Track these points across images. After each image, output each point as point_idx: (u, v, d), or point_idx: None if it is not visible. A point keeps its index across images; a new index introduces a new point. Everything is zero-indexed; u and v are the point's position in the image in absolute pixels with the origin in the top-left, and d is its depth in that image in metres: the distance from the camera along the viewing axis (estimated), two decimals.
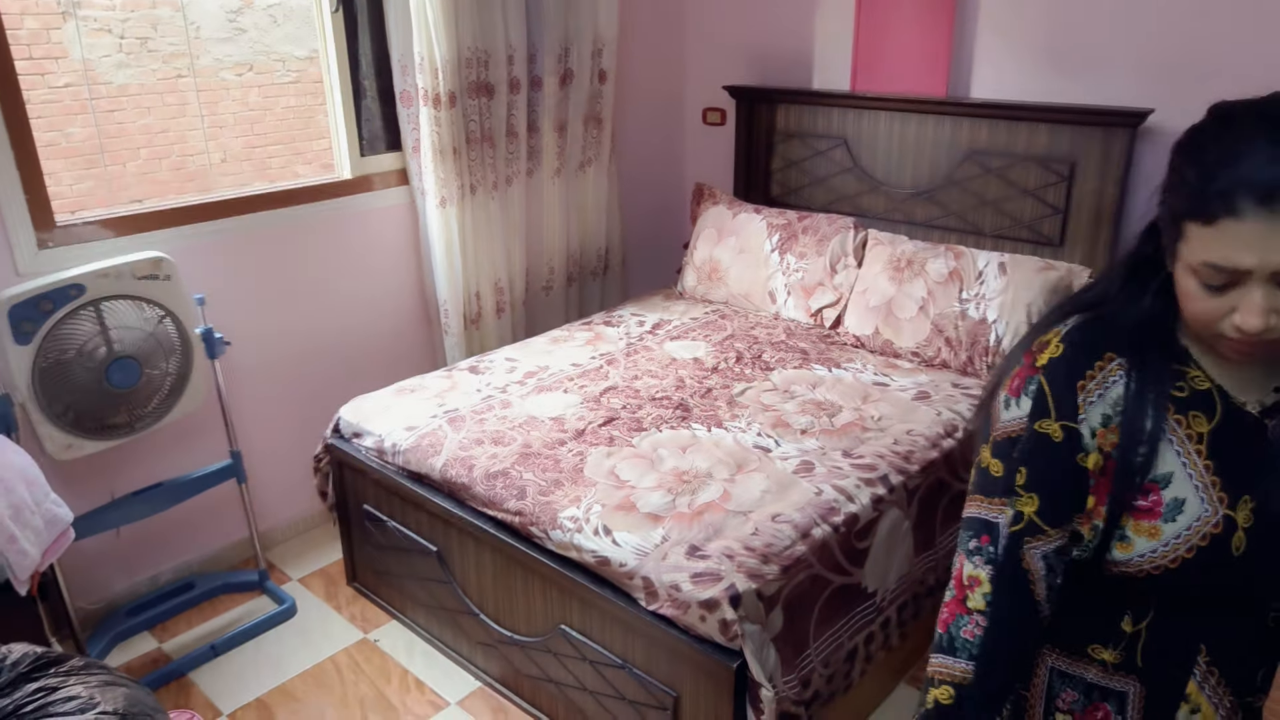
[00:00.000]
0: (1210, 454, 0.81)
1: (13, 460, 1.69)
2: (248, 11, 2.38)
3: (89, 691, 1.30)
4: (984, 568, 0.85)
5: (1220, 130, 0.76)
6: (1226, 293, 0.74)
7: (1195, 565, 0.80)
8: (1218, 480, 0.80)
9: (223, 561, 2.53)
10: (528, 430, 2.07)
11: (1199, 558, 0.79)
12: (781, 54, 3.07)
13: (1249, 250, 0.71)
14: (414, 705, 2.01)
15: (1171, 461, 0.81)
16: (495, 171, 2.72)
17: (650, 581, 1.60)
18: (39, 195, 2.03)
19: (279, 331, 2.50)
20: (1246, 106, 0.78)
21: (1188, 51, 2.28)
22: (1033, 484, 0.83)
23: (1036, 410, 0.83)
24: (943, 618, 0.88)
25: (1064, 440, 0.82)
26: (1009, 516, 0.84)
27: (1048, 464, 0.83)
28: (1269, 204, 0.70)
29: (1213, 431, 0.81)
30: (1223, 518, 0.80)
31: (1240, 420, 0.81)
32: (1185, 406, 0.82)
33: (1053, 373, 0.83)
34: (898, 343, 2.49)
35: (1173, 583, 0.81)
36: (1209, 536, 0.79)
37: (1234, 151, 0.73)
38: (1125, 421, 0.81)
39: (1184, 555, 0.80)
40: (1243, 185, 0.71)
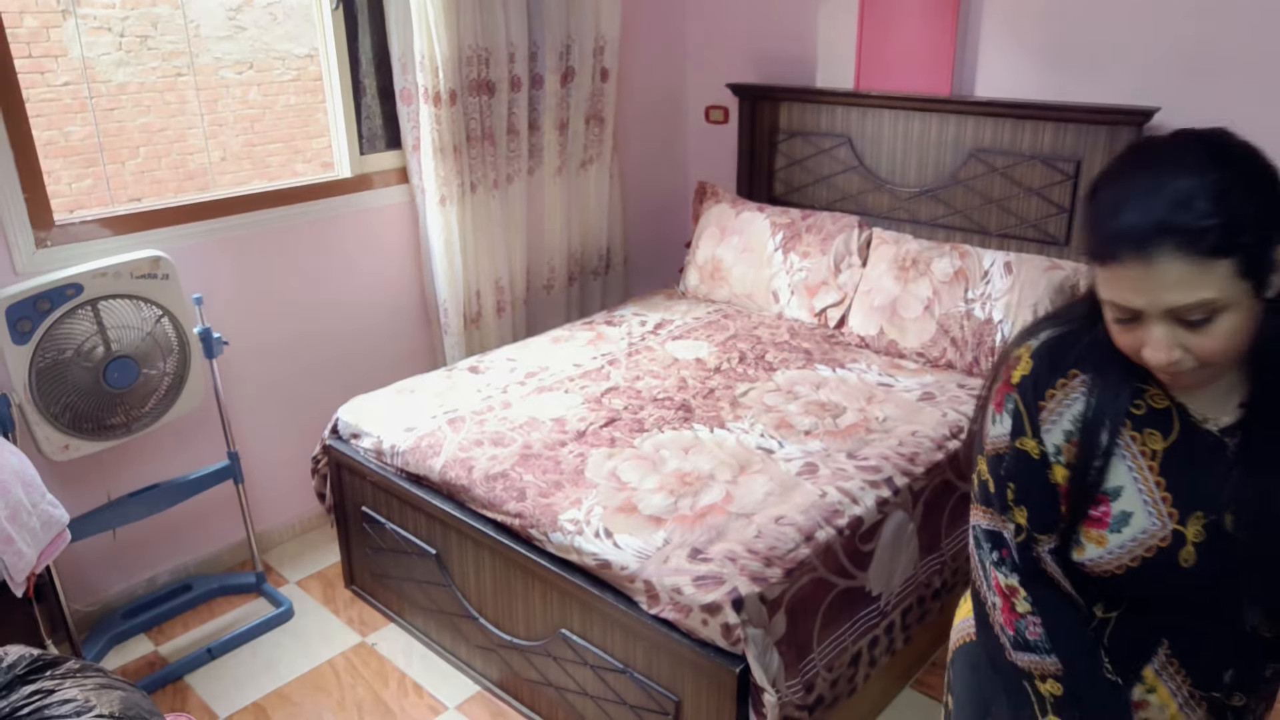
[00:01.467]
0: (1163, 471, 0.84)
1: (9, 461, 1.67)
2: (247, 9, 2.37)
3: (85, 694, 1.29)
4: (1014, 576, 0.92)
5: (1113, 177, 0.80)
6: (1135, 327, 0.79)
7: (1142, 573, 0.84)
8: (1168, 496, 0.84)
9: (220, 564, 2.51)
10: (528, 431, 2.05)
11: (1145, 567, 0.84)
12: (785, 52, 3.05)
13: (1135, 293, 0.76)
14: (412, 709, 1.99)
15: (1123, 476, 0.85)
16: (496, 170, 2.71)
17: (652, 585, 1.58)
18: (38, 194, 2.02)
19: (277, 331, 2.49)
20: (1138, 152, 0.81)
21: (1193, 49, 2.26)
22: (1020, 498, 0.90)
23: (1016, 428, 0.89)
24: (999, 622, 0.93)
25: (1041, 457, 0.88)
26: (1012, 530, 0.91)
27: (1030, 479, 0.89)
28: (1144, 250, 0.74)
29: (1167, 449, 0.84)
30: (1171, 532, 0.83)
31: (1198, 438, 0.84)
32: (1142, 424, 0.85)
33: (1024, 390, 0.89)
34: (902, 343, 2.46)
35: (1126, 585, 0.86)
36: (1154, 549, 0.83)
37: (1116, 200, 0.77)
38: (1082, 436, 0.86)
39: (1129, 564, 0.84)
40: (1120, 234, 0.75)
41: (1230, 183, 0.74)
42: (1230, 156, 0.77)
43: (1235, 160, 0.77)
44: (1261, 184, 0.76)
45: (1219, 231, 0.72)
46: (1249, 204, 0.74)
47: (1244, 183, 0.75)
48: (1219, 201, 0.73)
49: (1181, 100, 2.31)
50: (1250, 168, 0.77)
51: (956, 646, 1.11)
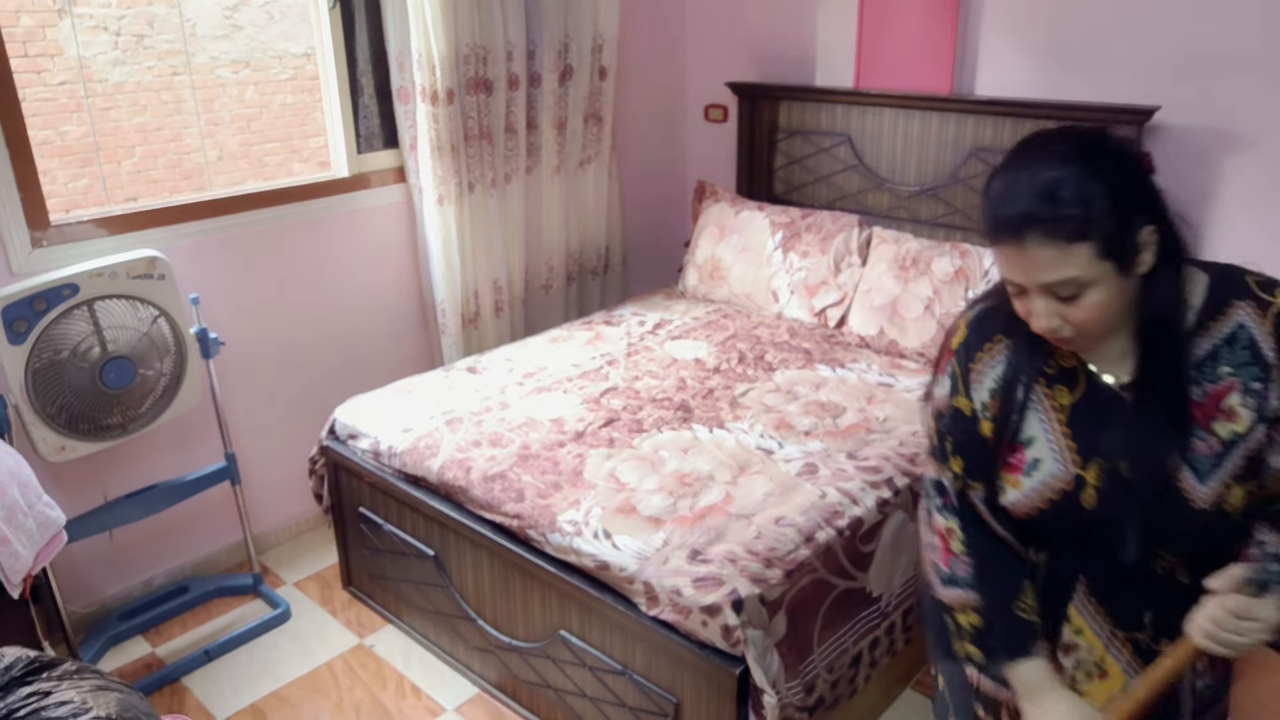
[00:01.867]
0: (1069, 422, 0.94)
1: (5, 462, 1.67)
2: (244, 8, 2.36)
3: (81, 696, 1.28)
4: (953, 519, 1.04)
5: (1001, 169, 0.90)
6: (1023, 299, 0.90)
7: (1052, 514, 0.95)
8: (1073, 445, 0.94)
9: (217, 565, 2.50)
10: (526, 432, 2.04)
11: (1053, 508, 0.94)
12: (784, 50, 3.05)
13: (1015, 271, 0.88)
14: (410, 711, 1.98)
15: (1035, 427, 0.96)
16: (494, 169, 2.70)
17: (651, 586, 1.57)
18: (33, 194, 2.01)
19: (274, 331, 2.48)
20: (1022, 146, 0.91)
21: (1193, 49, 2.26)
22: (956, 449, 1.02)
23: (953, 389, 1.02)
24: (934, 560, 1.06)
25: (972, 414, 1.00)
26: (950, 478, 1.04)
27: (964, 433, 1.01)
28: (1017, 236, 0.85)
29: (1074, 404, 0.94)
30: (1074, 477, 0.93)
31: (1100, 394, 0.94)
32: (1052, 381, 0.96)
33: (959, 356, 1.01)
34: (903, 342, 2.45)
35: (1040, 526, 0.97)
36: (1060, 492, 0.94)
37: (998, 190, 0.88)
38: (1002, 391, 0.97)
39: (1040, 505, 0.95)
40: (999, 221, 0.86)
41: (1091, 176, 0.83)
42: (1096, 152, 0.86)
43: (1099, 155, 0.85)
44: (1120, 176, 0.85)
45: (1077, 220, 0.83)
46: (1105, 196, 0.83)
47: (1104, 176, 0.84)
48: (1079, 193, 0.83)
49: (1181, 99, 2.30)
50: (1113, 162, 0.85)
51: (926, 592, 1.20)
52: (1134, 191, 0.86)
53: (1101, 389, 0.93)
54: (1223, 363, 0.89)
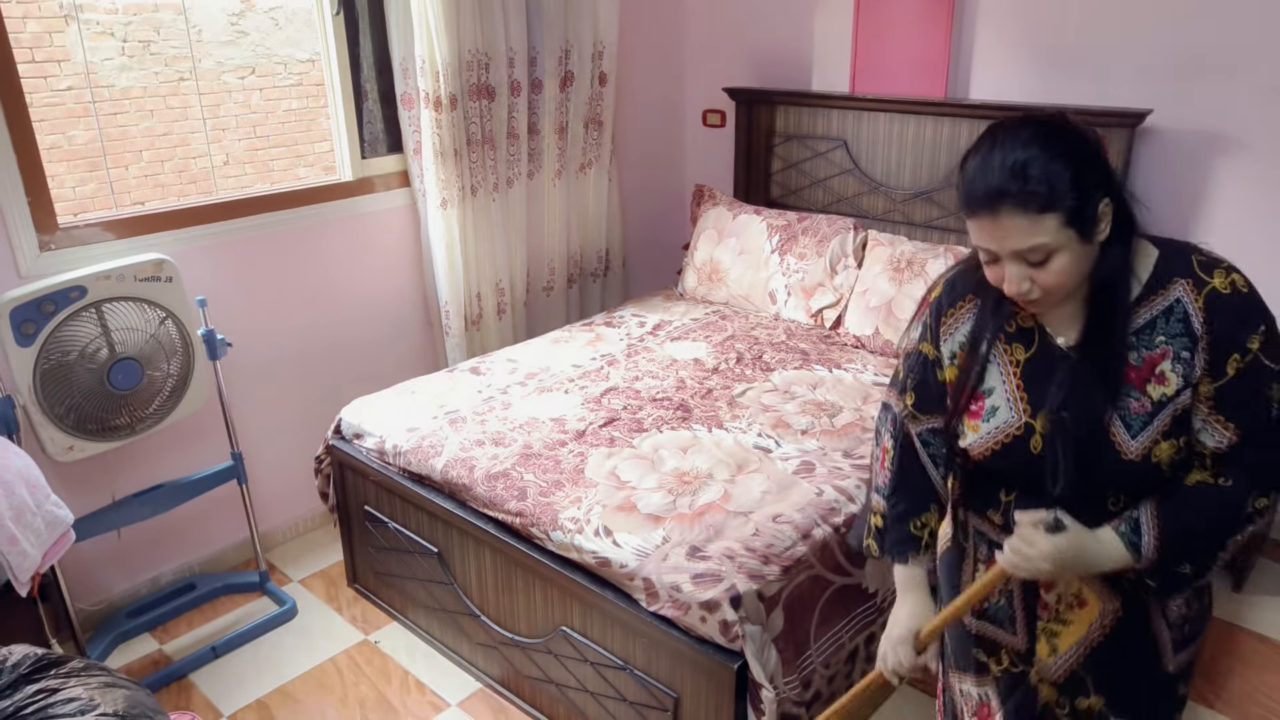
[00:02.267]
0: (1023, 376, 1.06)
1: (14, 462, 1.69)
2: (249, 15, 2.39)
3: (89, 693, 1.30)
4: (891, 441, 1.21)
5: (973, 151, 0.99)
6: (995, 266, 0.99)
7: (1004, 455, 1.06)
8: (1025, 396, 1.05)
9: (223, 563, 2.53)
10: (528, 431, 2.07)
11: (1005, 450, 1.06)
12: (781, 56, 3.08)
13: (989, 240, 0.97)
14: (415, 706, 2.01)
15: (995, 379, 1.07)
16: (496, 173, 2.73)
17: (651, 582, 1.60)
18: (41, 198, 2.04)
19: (281, 333, 2.51)
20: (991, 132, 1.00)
21: (1186, 52, 2.29)
22: (913, 386, 1.16)
23: (923, 336, 1.16)
24: (875, 470, 1.25)
25: (935, 359, 1.14)
26: (900, 407, 1.19)
27: (923, 373, 1.15)
28: (992, 208, 0.95)
29: (1028, 360, 1.06)
30: (1024, 424, 1.05)
31: (1050, 352, 1.04)
32: (1011, 339, 1.07)
33: (933, 310, 1.14)
34: (898, 343, 2.49)
35: (995, 465, 1.08)
36: (1012, 436, 1.05)
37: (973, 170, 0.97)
38: (968, 345, 1.09)
39: (993, 447, 1.07)
40: (975, 196, 0.96)
41: (1055, 156, 0.94)
42: (1057, 135, 0.96)
43: (1060, 138, 0.95)
44: (1079, 156, 0.95)
45: (1044, 194, 0.93)
46: (1067, 172, 0.93)
47: (1066, 156, 0.94)
48: (1044, 170, 0.93)
49: (1174, 102, 2.33)
50: (1072, 144, 0.95)
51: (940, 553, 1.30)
52: (1091, 169, 0.95)
53: (1052, 348, 1.04)
54: (1159, 332, 0.98)
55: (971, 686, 1.21)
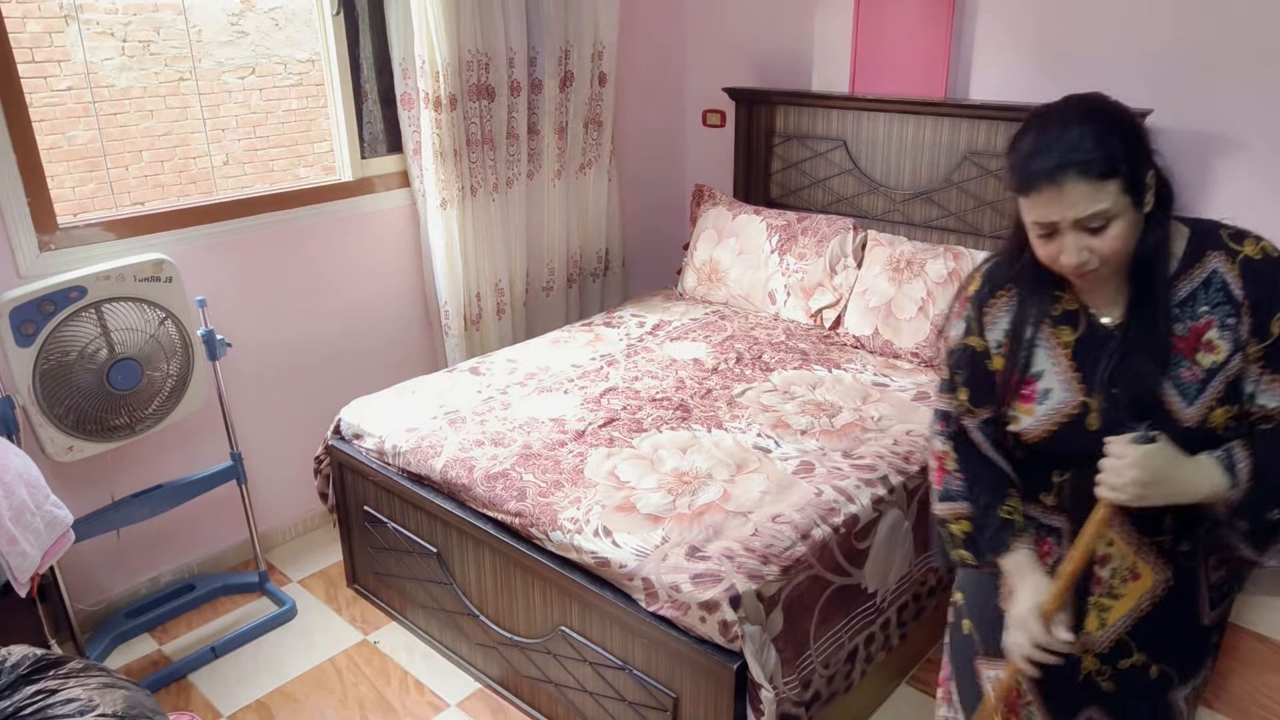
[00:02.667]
0: (1074, 356, 1.10)
1: (13, 462, 1.69)
2: (249, 15, 2.39)
3: (88, 694, 1.30)
4: (948, 443, 1.23)
5: (1025, 133, 1.06)
6: (1052, 239, 1.04)
7: (1060, 435, 1.10)
8: (1078, 375, 1.09)
9: (223, 563, 2.53)
10: (528, 431, 2.07)
11: (1061, 431, 1.10)
12: (781, 56, 3.08)
13: (1051, 211, 1.02)
14: (414, 707, 2.01)
15: (1044, 362, 1.11)
16: (496, 173, 2.73)
17: (650, 582, 1.60)
18: (41, 198, 2.04)
19: (280, 333, 2.51)
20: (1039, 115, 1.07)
21: (1184, 52, 2.29)
22: (965, 382, 1.19)
23: (967, 330, 1.18)
24: (935, 480, 1.24)
25: (983, 350, 1.16)
26: (955, 405, 1.21)
27: (973, 368, 1.18)
28: (1055, 180, 1.00)
29: (1076, 340, 1.10)
30: (1080, 403, 1.09)
31: (1097, 331, 1.09)
32: (1057, 322, 1.11)
33: (974, 303, 1.18)
34: (897, 343, 2.49)
35: (1050, 446, 1.12)
36: (1069, 416, 1.09)
37: (1030, 148, 1.03)
38: (1013, 332, 1.13)
39: (1050, 429, 1.10)
40: (1037, 171, 1.01)
41: (1106, 128, 1.01)
42: (1103, 111, 1.04)
43: (1107, 113, 1.03)
44: (1127, 129, 1.02)
45: (1103, 160, 0.99)
46: (1121, 143, 1.00)
47: (1115, 128, 1.01)
48: (1100, 141, 1.00)
49: (1173, 102, 2.33)
50: (1118, 117, 1.03)
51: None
52: (1138, 141, 1.02)
53: (1098, 327, 1.09)
54: (1200, 303, 1.04)
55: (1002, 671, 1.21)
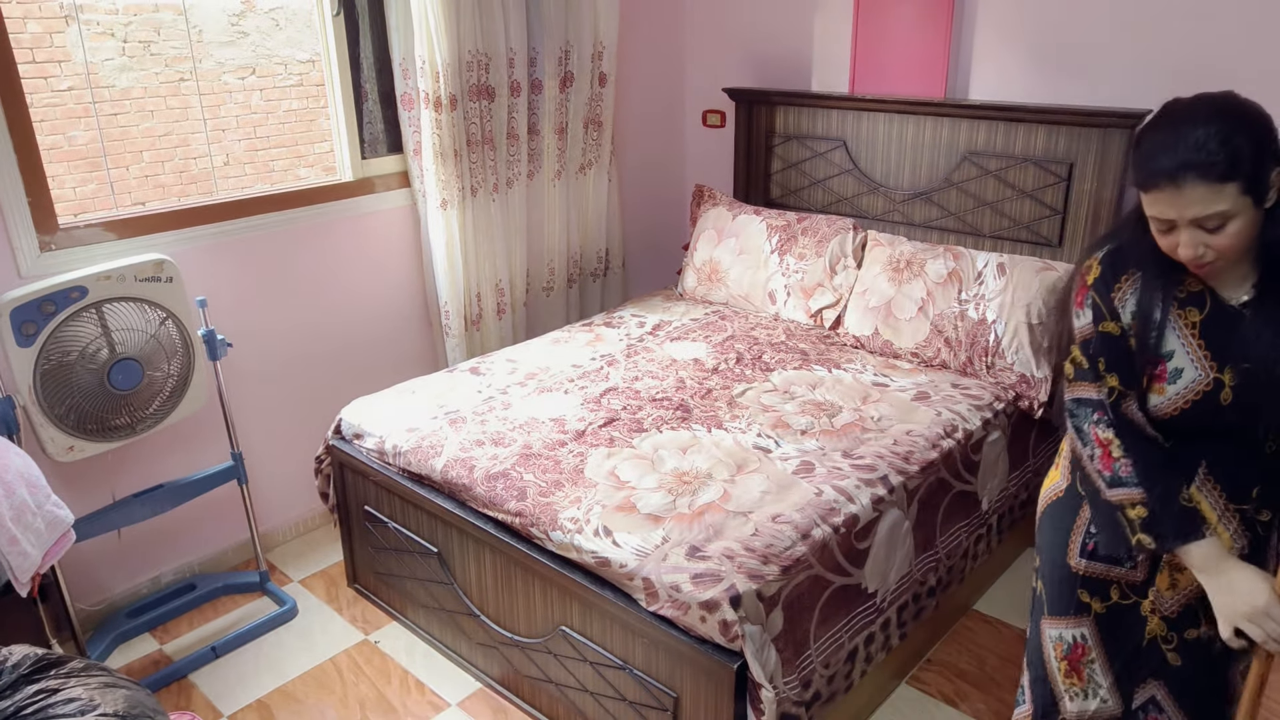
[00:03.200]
0: (1202, 335, 1.15)
1: (14, 462, 1.69)
2: (249, 15, 2.39)
3: (89, 693, 1.30)
4: (1109, 430, 1.21)
5: (1151, 129, 1.10)
6: (1170, 233, 1.10)
7: (1192, 412, 1.16)
8: (1208, 354, 1.14)
9: (224, 563, 2.53)
10: (528, 431, 2.07)
11: (1194, 407, 1.15)
12: (781, 56, 3.08)
13: (1170, 209, 1.07)
14: (414, 706, 2.01)
15: (1174, 342, 1.16)
16: (496, 174, 2.73)
17: (650, 582, 1.60)
18: (42, 198, 2.04)
19: (281, 333, 2.51)
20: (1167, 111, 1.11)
21: (1185, 52, 2.29)
22: (1110, 367, 1.20)
23: (1097, 316, 1.21)
24: (1098, 468, 1.22)
25: (1120, 333, 1.19)
26: (1106, 393, 1.21)
27: (1115, 351, 1.20)
28: (1175, 180, 1.05)
29: (1203, 320, 1.15)
30: (1213, 380, 1.14)
31: (1225, 311, 1.15)
32: (1184, 304, 1.16)
33: (1098, 288, 1.21)
34: (897, 343, 2.49)
35: (1179, 422, 1.18)
36: (1201, 393, 1.15)
37: (1153, 146, 1.08)
38: (1140, 315, 1.17)
39: (1182, 406, 1.16)
40: (1158, 170, 1.07)
41: (1231, 130, 1.05)
42: (1231, 111, 1.08)
43: (1234, 113, 1.08)
44: (1255, 129, 1.06)
45: (1225, 164, 1.03)
46: (1246, 144, 1.04)
47: (1242, 129, 1.05)
48: (1224, 144, 1.04)
49: None
50: (1246, 117, 1.07)
51: (1043, 508, 1.38)
52: (1267, 141, 1.07)
53: (1225, 307, 1.15)
54: None
55: (1066, 629, 1.28)
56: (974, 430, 2.11)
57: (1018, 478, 2.28)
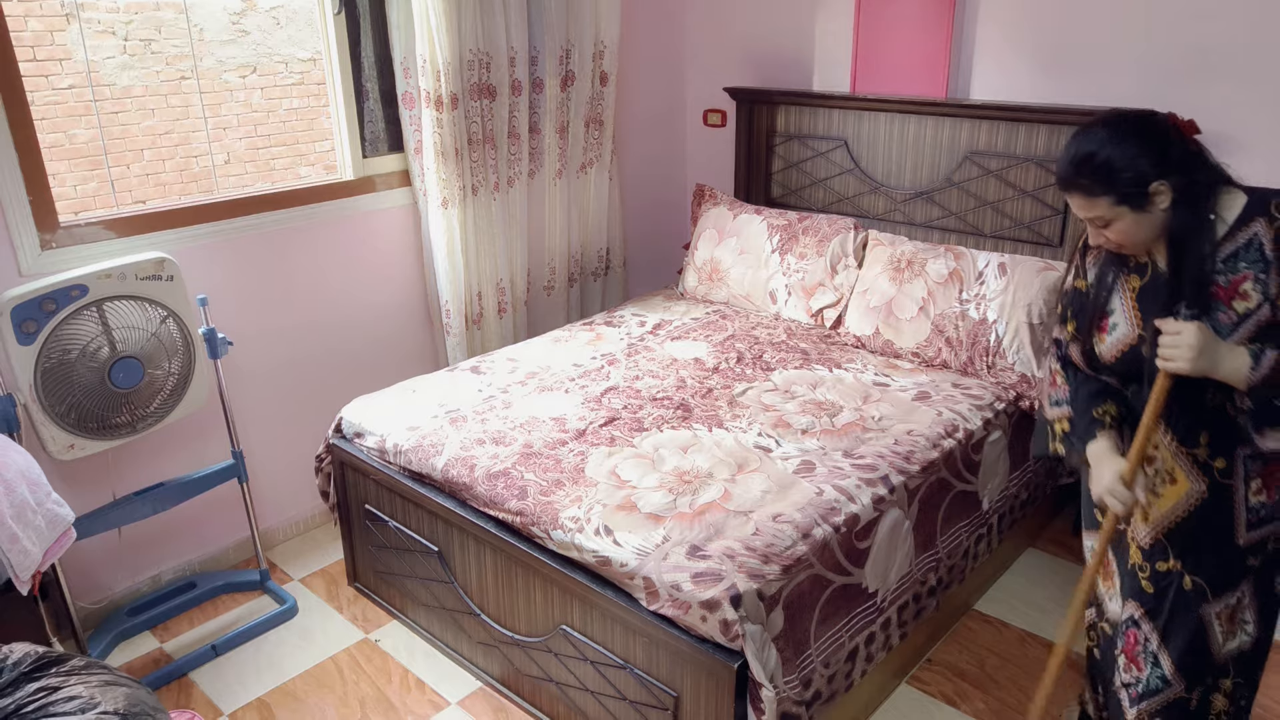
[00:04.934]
0: (1137, 299, 1.36)
1: (15, 460, 1.69)
2: (250, 14, 2.39)
3: (90, 691, 1.30)
4: (1057, 362, 1.51)
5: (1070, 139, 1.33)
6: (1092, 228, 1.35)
7: (1125, 360, 1.37)
8: (1139, 315, 1.35)
9: (224, 561, 2.53)
10: (529, 430, 2.07)
11: (1125, 356, 1.37)
12: (782, 56, 3.08)
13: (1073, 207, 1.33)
14: (415, 705, 2.01)
15: (1116, 303, 1.38)
16: (497, 173, 2.73)
17: (651, 581, 1.60)
18: (43, 196, 2.04)
19: (281, 332, 2.51)
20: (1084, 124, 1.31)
21: (1185, 52, 2.29)
22: (1072, 315, 1.47)
23: (1075, 274, 1.46)
24: (1047, 391, 1.53)
25: (1084, 290, 1.44)
26: (1065, 333, 1.49)
27: (1078, 303, 1.45)
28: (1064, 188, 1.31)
29: (1141, 286, 1.36)
30: (1137, 335, 1.35)
31: (1158, 279, 1.34)
32: (1130, 271, 1.37)
33: (1080, 251, 1.46)
34: (898, 343, 2.49)
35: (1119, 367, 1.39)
36: (1129, 346, 1.36)
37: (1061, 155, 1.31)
38: (1098, 277, 1.41)
39: (1117, 354, 1.38)
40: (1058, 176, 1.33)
41: (1111, 153, 1.25)
42: (1118, 133, 1.26)
43: (1120, 135, 1.25)
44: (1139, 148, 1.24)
45: (1092, 183, 1.26)
46: (1122, 163, 1.24)
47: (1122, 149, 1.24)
48: (1097, 166, 1.25)
49: (1174, 102, 2.33)
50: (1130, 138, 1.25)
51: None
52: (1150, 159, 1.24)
53: (1158, 277, 1.33)
54: (1241, 260, 1.25)
55: (1095, 542, 1.49)
56: (975, 430, 2.11)
57: (1018, 478, 2.28)
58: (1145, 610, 1.41)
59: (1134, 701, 1.44)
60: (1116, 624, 1.50)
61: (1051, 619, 2.22)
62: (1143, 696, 1.42)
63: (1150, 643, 1.40)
